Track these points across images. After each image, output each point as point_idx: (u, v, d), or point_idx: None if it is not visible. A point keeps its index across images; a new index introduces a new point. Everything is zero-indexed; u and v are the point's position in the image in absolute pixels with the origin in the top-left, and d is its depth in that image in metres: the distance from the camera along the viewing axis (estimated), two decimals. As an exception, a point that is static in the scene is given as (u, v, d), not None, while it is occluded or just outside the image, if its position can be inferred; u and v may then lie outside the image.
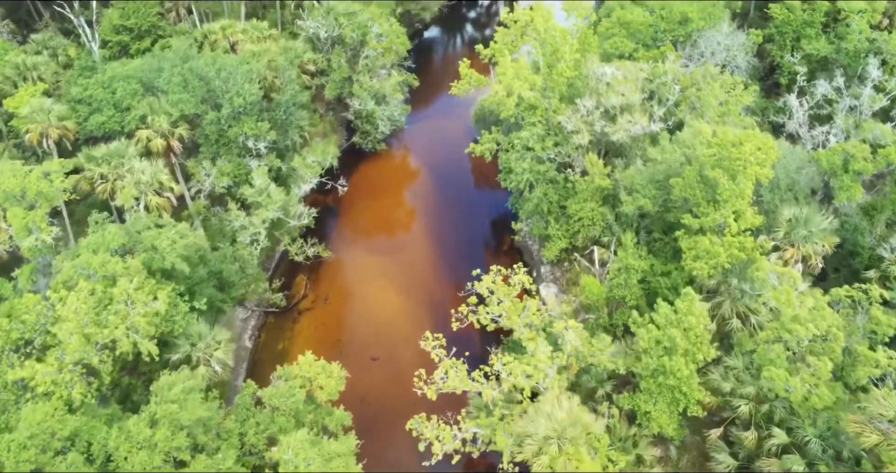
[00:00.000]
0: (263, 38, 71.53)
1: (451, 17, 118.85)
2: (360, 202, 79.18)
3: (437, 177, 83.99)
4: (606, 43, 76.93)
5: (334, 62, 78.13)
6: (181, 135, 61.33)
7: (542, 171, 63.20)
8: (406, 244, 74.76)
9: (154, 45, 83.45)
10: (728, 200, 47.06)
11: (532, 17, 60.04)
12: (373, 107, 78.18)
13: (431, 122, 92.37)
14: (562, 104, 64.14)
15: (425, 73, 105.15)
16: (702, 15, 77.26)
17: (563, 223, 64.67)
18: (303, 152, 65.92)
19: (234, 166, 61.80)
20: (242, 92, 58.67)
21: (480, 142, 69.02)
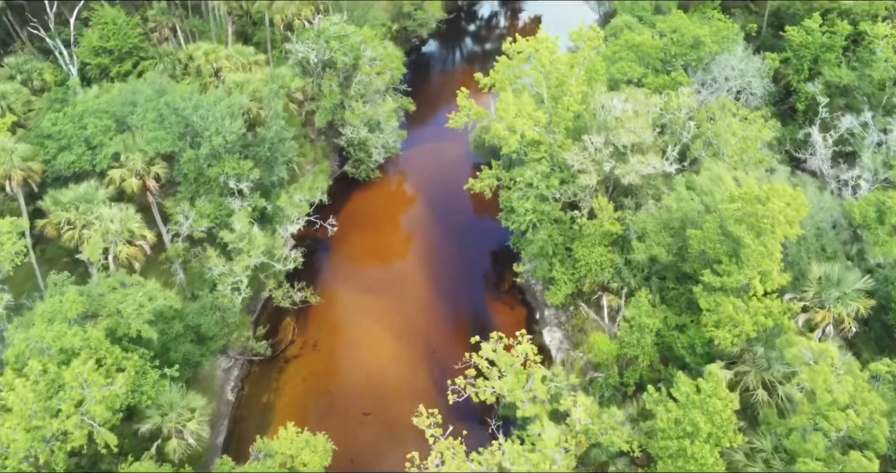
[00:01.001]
0: (249, 65, 66.36)
1: (450, 30, 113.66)
2: (353, 234, 74.13)
3: (434, 204, 78.98)
4: (614, 67, 71.95)
5: (325, 87, 73.04)
6: (157, 174, 56.31)
7: (547, 212, 58.21)
8: (401, 281, 69.72)
9: (136, 68, 78.65)
10: (753, 261, 42.09)
11: (536, 49, 54.90)
12: (366, 134, 73.14)
13: (429, 146, 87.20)
14: (567, 139, 59.11)
15: (423, 89, 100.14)
16: (715, 38, 72.21)
17: (568, 266, 59.64)
18: (290, 189, 60.85)
19: (215, 207, 56.77)
20: (222, 130, 53.59)
21: (480, 178, 63.98)
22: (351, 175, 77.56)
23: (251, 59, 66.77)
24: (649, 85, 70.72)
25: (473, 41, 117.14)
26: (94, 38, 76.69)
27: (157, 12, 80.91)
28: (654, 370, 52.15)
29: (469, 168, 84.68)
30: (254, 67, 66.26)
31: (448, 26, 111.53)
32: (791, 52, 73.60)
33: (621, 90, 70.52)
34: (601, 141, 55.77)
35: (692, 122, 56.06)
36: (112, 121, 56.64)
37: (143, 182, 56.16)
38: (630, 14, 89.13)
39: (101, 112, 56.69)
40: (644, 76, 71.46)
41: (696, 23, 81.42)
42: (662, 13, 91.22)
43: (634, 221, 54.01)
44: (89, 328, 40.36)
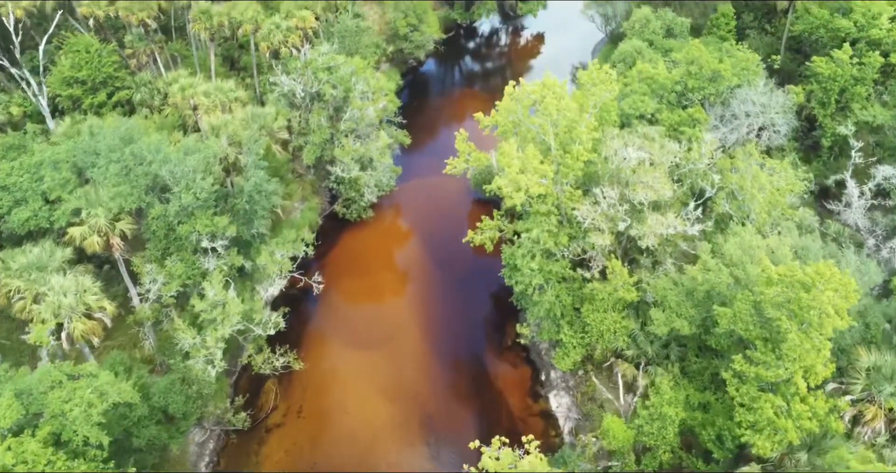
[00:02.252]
0: (228, 103, 60.14)
1: (450, 48, 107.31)
2: (343, 281, 68.01)
3: (430, 244, 72.84)
4: (625, 101, 65.76)
5: (313, 122, 66.88)
6: (123, 231, 50.19)
7: (555, 271, 52.15)
8: (394, 335, 63.56)
9: (111, 98, 72.44)
10: (797, 356, 36.05)
11: (542, 95, 48.67)
12: (357, 173, 66.98)
13: (426, 179, 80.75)
14: (577, 190, 53.01)
15: (420, 114, 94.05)
16: (735, 71, 65.96)
17: (578, 328, 53.59)
18: (271, 243, 54.67)
19: (187, 266, 50.64)
20: (193, 186, 47.44)
21: (480, 229, 57.88)
22: (341, 215, 71.37)
23: (231, 96, 60.50)
24: (664, 122, 64.58)
25: (474, 59, 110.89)
26: (65, 67, 70.46)
27: (135, 38, 74.62)
28: (675, 456, 46.20)
29: (469, 203, 78.64)
30: (234, 105, 59.99)
31: (447, 44, 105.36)
32: (817, 85, 67.41)
33: (633, 127, 64.56)
34: (615, 195, 49.64)
35: (716, 177, 49.84)
36: (72, 173, 50.49)
37: (108, 240, 50.03)
38: (640, 37, 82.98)
39: (61, 162, 50.53)
40: (658, 111, 65.29)
41: (713, 52, 75.31)
42: (674, 36, 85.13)
43: (653, 287, 47.94)
44: (26, 438, 34.33)
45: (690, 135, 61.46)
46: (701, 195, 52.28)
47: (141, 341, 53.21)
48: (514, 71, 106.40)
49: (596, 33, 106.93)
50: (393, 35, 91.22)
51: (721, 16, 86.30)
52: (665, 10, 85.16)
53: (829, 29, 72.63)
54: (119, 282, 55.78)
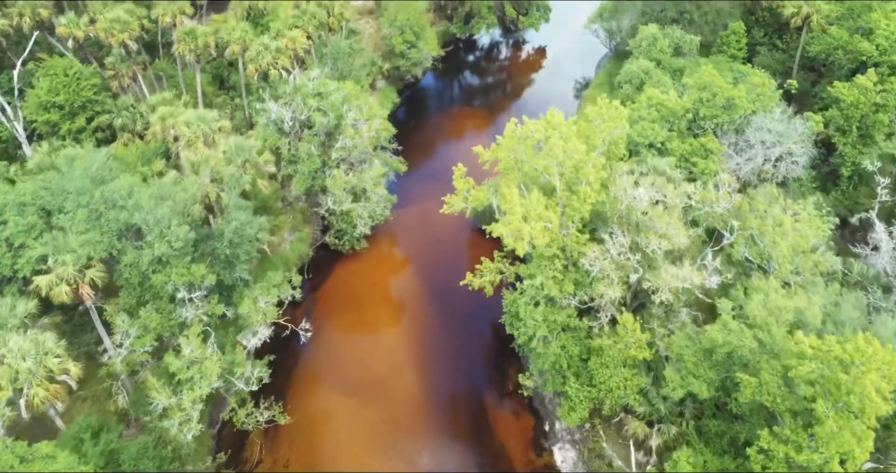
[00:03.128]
0: (211, 134, 56.03)
1: (449, 61, 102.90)
2: (334, 318, 63.95)
3: (427, 276, 68.70)
4: (633, 129, 61.62)
5: (303, 151, 62.77)
6: (93, 279, 46.15)
7: (560, 321, 48.11)
8: (388, 378, 59.43)
9: (91, 123, 68.47)
10: (834, 443, 32.04)
11: (547, 135, 44.55)
12: (349, 205, 62.89)
13: (423, 205, 76.32)
14: (584, 235, 48.97)
15: (417, 132, 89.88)
16: (750, 97, 61.87)
17: (584, 380, 49.53)
18: (255, 288, 50.51)
19: (163, 318, 46.61)
20: (167, 234, 43.38)
21: (479, 272, 53.80)
22: (333, 247, 67.30)
23: (214, 126, 56.35)
24: (674, 151, 60.51)
25: (473, 73, 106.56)
26: (41, 90, 66.45)
27: (116, 59, 70.54)
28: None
29: (468, 231, 74.39)
30: (217, 137, 55.86)
31: (446, 58, 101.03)
32: (837, 111, 63.30)
33: (642, 156, 60.55)
34: (625, 241, 45.58)
35: (735, 222, 45.71)
36: (39, 217, 46.42)
37: (77, 289, 45.99)
38: (647, 56, 78.82)
39: (27, 205, 46.45)
40: (668, 140, 61.23)
41: (725, 72, 71.27)
42: (682, 54, 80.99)
43: (668, 345, 43.92)
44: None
45: (704, 168, 57.51)
46: (718, 239, 48.26)
47: (115, 394, 49.15)
48: (515, 86, 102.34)
49: (600, 47, 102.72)
50: (389, 52, 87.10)
51: (731, 33, 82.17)
52: (673, 27, 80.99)
53: (847, 51, 68.60)
54: (91, 329, 51.74)
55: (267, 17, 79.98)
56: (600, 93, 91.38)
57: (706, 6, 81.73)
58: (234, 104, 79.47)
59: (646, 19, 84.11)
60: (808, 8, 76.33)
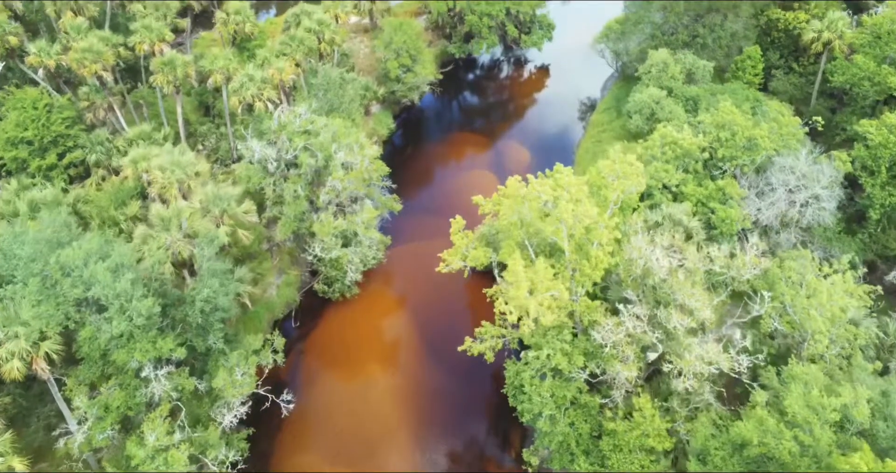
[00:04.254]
0: (186, 180, 50.94)
1: (448, 81, 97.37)
2: (322, 375, 58.65)
3: (423, 326, 63.38)
4: (646, 170, 56.59)
5: (288, 193, 57.67)
6: (48, 354, 41.08)
7: (569, 397, 43.05)
8: (381, 443, 54.20)
9: (62, 159, 63.44)
10: None
11: (555, 196, 39.45)
12: (339, 252, 57.85)
13: (419, 242, 71.28)
14: (595, 302, 43.86)
15: (414, 160, 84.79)
16: (772, 137, 56.79)
17: (595, 459, 44.49)
18: (232, 356, 45.32)
19: (127, 396, 41.56)
20: (129, 308, 38.33)
21: (479, 335, 48.67)
22: (322, 294, 62.18)
23: (190, 171, 51.24)
24: (690, 196, 55.54)
25: (473, 93, 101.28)
26: (9, 125, 61.45)
27: (91, 90, 65.41)
28: None
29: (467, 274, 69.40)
30: (193, 183, 50.76)
31: (445, 78, 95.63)
32: (865, 151, 58.19)
33: (655, 199, 55.58)
34: (642, 312, 40.51)
35: (767, 294, 40.56)
36: (-13, 284, 41.37)
37: (31, 364, 40.94)
38: (657, 84, 73.67)
39: (-27, 271, 41.40)
40: (683, 183, 56.21)
41: (743, 105, 66.14)
42: (695, 81, 75.82)
43: (690, 431, 38.89)
44: None
45: (724, 217, 52.46)
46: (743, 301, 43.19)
47: (75, 475, 44.13)
48: (517, 106, 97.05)
49: (605, 66, 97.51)
50: (384, 75, 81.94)
51: (747, 58, 77.07)
52: (685, 52, 75.83)
53: (875, 82, 63.51)
54: (52, 400, 46.66)
55: (254, 41, 74.88)
56: (607, 118, 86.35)
57: (720, 30, 76.54)
58: (218, 133, 74.44)
59: (655, 43, 78.90)
60: (830, 33, 71.27)
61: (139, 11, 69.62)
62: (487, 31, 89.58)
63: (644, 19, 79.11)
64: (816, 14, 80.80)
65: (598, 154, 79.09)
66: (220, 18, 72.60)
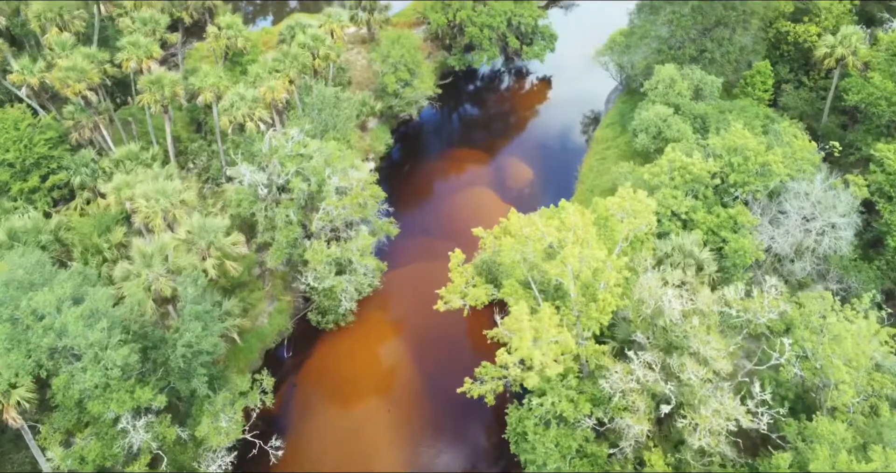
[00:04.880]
0: (171, 209, 48.26)
1: (447, 93, 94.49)
2: (314, 413, 55.71)
3: (422, 355, 60.47)
4: (653, 196, 53.92)
5: (280, 218, 54.98)
6: (20, 402, 38.43)
7: (575, 447, 40.36)
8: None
9: (45, 182, 60.83)
10: None
11: (560, 240, 36.73)
12: (333, 280, 55.17)
13: (417, 265, 68.60)
14: (602, 346, 41.16)
15: (412, 177, 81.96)
16: (787, 162, 54.11)
17: (602, 509, 41.89)
18: (216, 400, 42.56)
19: (104, 446, 38.88)
20: (103, 357, 35.66)
21: (479, 375, 45.96)
22: (315, 324, 59.48)
23: (175, 199, 48.54)
24: (700, 224, 52.84)
25: (473, 105, 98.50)
26: (-12, 147, 58.82)
27: (76, 109, 62.69)
28: None
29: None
30: (179, 213, 48.08)
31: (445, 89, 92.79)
32: (883, 175, 55.56)
33: (665, 226, 52.85)
34: (653, 360, 37.82)
35: (787, 341, 37.83)
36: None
37: (2, 412, 38.33)
38: (663, 101, 70.91)
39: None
40: (692, 210, 53.50)
41: (754, 123, 63.51)
42: (703, 97, 73.08)
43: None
44: None
45: (737, 248, 49.74)
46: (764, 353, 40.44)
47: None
48: (519, 119, 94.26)
49: (609, 78, 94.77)
50: (382, 89, 79.21)
51: (757, 73, 74.38)
52: (692, 67, 73.05)
53: (892, 102, 60.80)
54: (27, 446, 44.01)
55: (247, 56, 72.19)
56: (611, 133, 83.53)
57: (728, 45, 73.77)
58: (210, 150, 71.68)
59: (662, 58, 76.12)
60: (843, 49, 68.56)
61: (127, 27, 66.82)
62: (488, 43, 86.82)
63: (650, 33, 76.27)
64: (827, 27, 78.23)
65: (602, 172, 76.43)
66: (211, 33, 69.91)
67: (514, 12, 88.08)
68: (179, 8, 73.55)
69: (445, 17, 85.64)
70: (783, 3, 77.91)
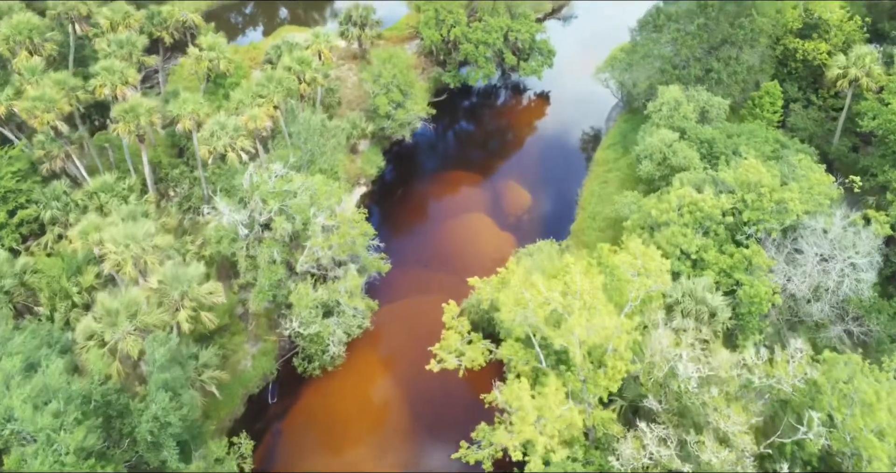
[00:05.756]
0: (142, 255, 44.41)
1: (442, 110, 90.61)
2: (301, 465, 52.09)
3: (415, 399, 56.47)
4: (661, 234, 50.40)
5: (262, 258, 51.20)
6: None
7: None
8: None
9: (13, 217, 56.98)
10: None
11: (566, 305, 33.00)
12: (320, 325, 51.42)
13: (409, 299, 64.65)
14: (609, 412, 37.47)
15: (405, 202, 77.96)
16: (804, 199, 50.49)
17: None
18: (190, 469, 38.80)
19: (63, 529, 34.96)
20: (56, 441, 31.79)
21: (477, 434, 42.12)
22: (302, 371, 55.61)
23: (147, 244, 44.68)
24: (711, 266, 49.18)
25: (469, 122, 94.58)
26: (-49, 180, 54.99)
27: (46, 140, 58.79)
28: None
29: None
30: (150, 259, 44.23)
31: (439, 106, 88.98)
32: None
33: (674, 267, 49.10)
34: (668, 435, 34.14)
35: (816, 416, 34.18)
36: None
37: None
38: (668, 124, 67.29)
39: None
40: (703, 250, 49.85)
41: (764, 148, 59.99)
42: (708, 120, 69.47)
43: None
44: None
45: (753, 295, 46.07)
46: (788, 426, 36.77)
47: None
48: (516, 137, 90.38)
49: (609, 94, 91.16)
50: (373, 110, 75.43)
51: (765, 94, 70.87)
52: (698, 88, 69.46)
53: (912, 130, 57.26)
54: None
55: (230, 78, 68.33)
56: (612, 155, 79.70)
57: (735, 64, 70.11)
58: (192, 177, 67.81)
59: (665, 78, 72.46)
60: (857, 70, 65.03)
61: (102, 49, 62.87)
62: (484, 61, 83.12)
63: (652, 53, 72.58)
64: (837, 44, 74.77)
65: (604, 197, 72.75)
66: (192, 55, 66.02)
67: (512, 27, 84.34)
68: (159, 27, 69.60)
69: (439, 33, 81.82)
70: (791, 19, 74.37)
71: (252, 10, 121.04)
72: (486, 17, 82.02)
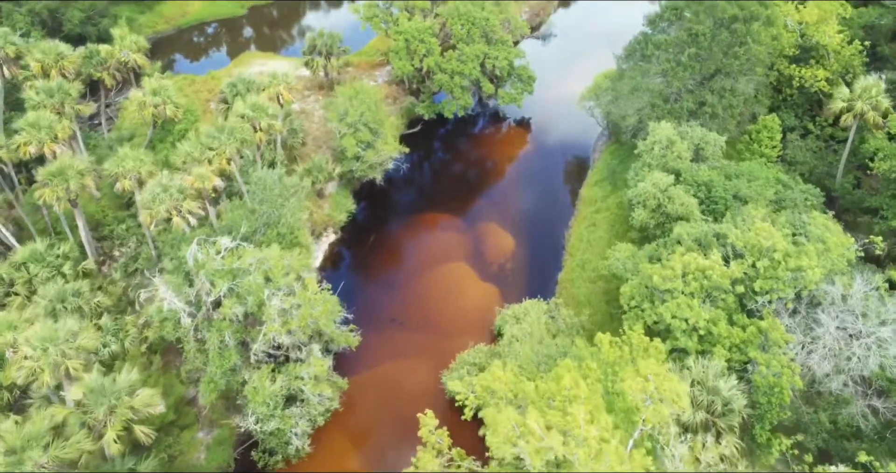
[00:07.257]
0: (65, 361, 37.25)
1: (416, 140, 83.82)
2: None
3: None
4: (663, 307, 44.35)
5: (212, 343, 44.34)
6: None
7: None
8: None
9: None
10: None
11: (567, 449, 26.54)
12: (280, 418, 44.65)
13: (382, 367, 57.81)
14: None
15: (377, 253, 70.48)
16: (823, 263, 44.63)
17: None
18: None
19: None
20: None
21: None
22: (262, 466, 48.78)
23: (68, 348, 37.53)
24: (722, 340, 43.21)
25: (445, 153, 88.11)
26: None
27: (-36, 205, 51.45)
28: None
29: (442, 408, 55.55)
30: (75, 363, 37.15)
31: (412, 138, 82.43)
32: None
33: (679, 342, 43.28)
34: None
35: None
36: None
37: None
38: (660, 166, 61.30)
39: None
40: (713, 323, 43.83)
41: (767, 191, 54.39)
42: (703, 158, 63.61)
43: None
44: None
45: (773, 384, 40.11)
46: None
47: None
48: (496, 173, 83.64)
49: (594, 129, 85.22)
50: (341, 152, 68.64)
51: (763, 128, 65.26)
52: (692, 124, 63.59)
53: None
54: None
55: (179, 124, 61.20)
56: (600, 192, 73.43)
57: (730, 97, 64.27)
58: (139, 233, 60.68)
59: (656, 113, 66.45)
60: (863, 104, 59.53)
61: (30, 99, 55.44)
62: (460, 91, 76.59)
63: (641, 86, 66.49)
64: (837, 70, 69.36)
65: (592, 243, 66.70)
66: (135, 100, 58.77)
67: (489, 54, 77.87)
68: (99, 68, 62.23)
69: (411, 64, 75.17)
70: (787, 45, 68.79)
71: (214, 30, 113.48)
72: (461, 44, 75.45)
